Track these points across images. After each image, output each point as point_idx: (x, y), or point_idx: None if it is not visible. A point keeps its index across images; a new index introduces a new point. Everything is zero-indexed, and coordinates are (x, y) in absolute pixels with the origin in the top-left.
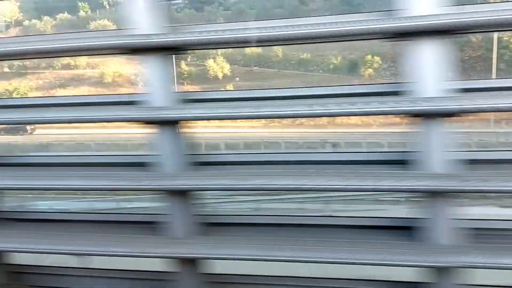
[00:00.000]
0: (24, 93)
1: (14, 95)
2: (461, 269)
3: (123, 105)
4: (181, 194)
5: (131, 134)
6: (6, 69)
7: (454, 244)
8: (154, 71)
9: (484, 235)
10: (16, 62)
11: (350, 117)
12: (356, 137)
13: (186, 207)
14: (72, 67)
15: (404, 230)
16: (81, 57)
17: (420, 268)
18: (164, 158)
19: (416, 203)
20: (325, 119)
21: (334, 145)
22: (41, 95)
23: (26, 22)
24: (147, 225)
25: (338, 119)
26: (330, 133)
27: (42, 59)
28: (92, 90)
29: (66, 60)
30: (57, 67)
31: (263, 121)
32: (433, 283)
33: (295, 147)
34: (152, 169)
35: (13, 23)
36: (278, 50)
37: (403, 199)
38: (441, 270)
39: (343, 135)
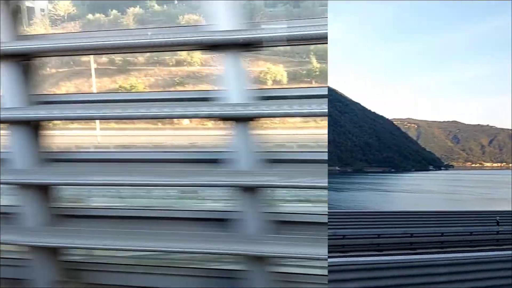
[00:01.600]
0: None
1: None
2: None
3: (200, 101)
4: (252, 190)
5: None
6: (95, 65)
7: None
8: (231, 69)
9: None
10: (117, 58)
11: None
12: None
13: (256, 204)
14: (185, 63)
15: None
16: (196, 53)
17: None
18: (238, 155)
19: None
20: None
21: None
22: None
23: (90, 16)
24: (215, 222)
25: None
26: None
27: (146, 54)
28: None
29: (181, 56)
30: (170, 63)
31: None
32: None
33: None
34: (225, 166)
35: (65, 17)
36: None
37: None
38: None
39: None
